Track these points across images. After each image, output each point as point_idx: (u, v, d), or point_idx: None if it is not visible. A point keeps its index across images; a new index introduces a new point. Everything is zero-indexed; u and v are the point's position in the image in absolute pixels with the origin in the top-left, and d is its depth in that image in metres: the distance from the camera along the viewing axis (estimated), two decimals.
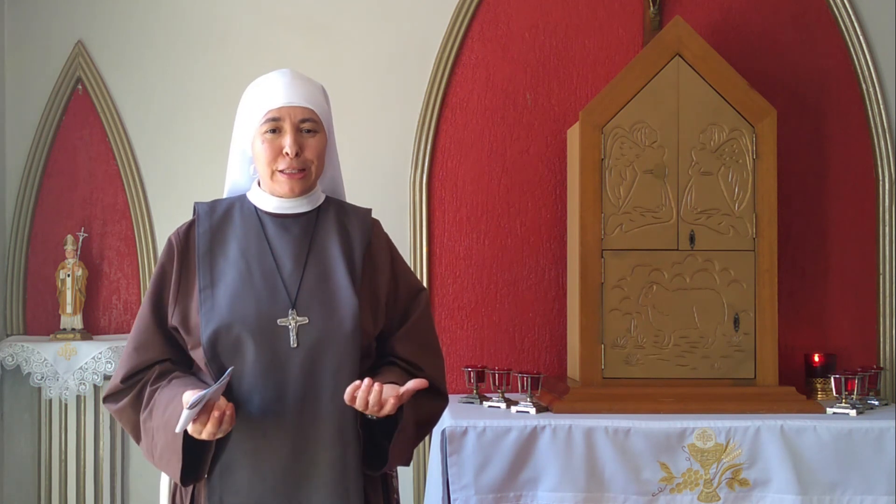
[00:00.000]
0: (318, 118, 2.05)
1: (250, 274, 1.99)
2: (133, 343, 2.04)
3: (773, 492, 2.88)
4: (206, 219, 2.06)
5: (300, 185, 2.04)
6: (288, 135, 2.01)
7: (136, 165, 3.63)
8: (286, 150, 2.00)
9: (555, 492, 2.87)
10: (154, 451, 1.97)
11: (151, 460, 2.00)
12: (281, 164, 2.02)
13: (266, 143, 2.02)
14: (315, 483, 1.94)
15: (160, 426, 1.93)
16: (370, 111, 3.59)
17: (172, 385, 1.96)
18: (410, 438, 2.03)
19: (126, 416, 2.03)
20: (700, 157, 3.15)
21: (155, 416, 1.95)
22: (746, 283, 3.14)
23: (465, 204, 3.60)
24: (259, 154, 2.04)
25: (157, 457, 1.96)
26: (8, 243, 3.62)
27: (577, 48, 3.61)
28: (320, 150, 2.05)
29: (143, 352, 2.02)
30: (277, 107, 2.01)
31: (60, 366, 3.38)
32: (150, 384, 1.99)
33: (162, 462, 1.96)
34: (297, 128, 2.02)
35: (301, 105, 2.02)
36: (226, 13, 3.63)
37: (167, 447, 1.92)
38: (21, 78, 3.64)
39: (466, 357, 3.53)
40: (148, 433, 1.98)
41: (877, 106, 3.56)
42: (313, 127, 2.04)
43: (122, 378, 2.02)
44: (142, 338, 2.03)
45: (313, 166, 2.04)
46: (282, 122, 2.01)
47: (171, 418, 1.88)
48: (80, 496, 3.46)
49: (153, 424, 1.95)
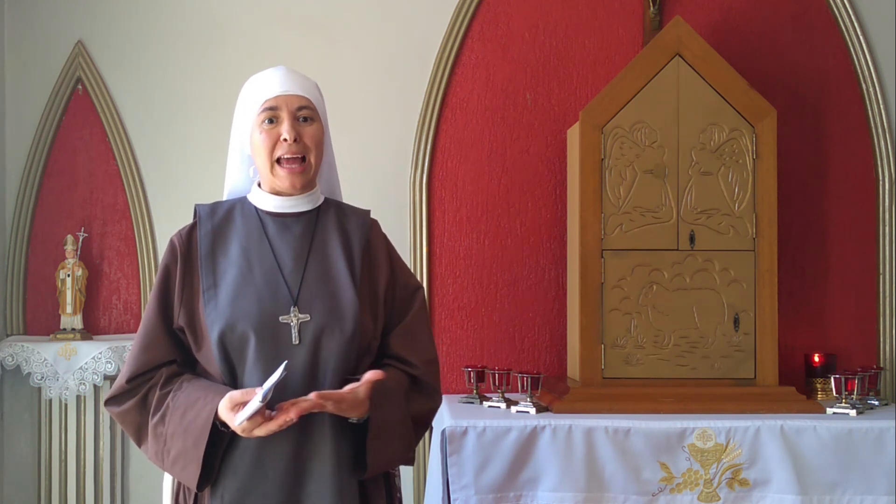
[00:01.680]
0: (315, 107, 2.06)
1: (252, 272, 2.00)
2: (140, 343, 2.03)
3: (773, 492, 2.88)
4: (207, 220, 2.07)
5: (300, 178, 2.04)
6: (285, 122, 2.02)
7: (136, 165, 3.63)
8: (284, 135, 2.01)
9: (555, 492, 2.87)
10: (165, 457, 1.96)
11: (161, 465, 1.99)
12: (280, 150, 2.02)
13: (264, 132, 2.03)
14: (315, 477, 1.95)
15: (177, 432, 1.93)
16: (370, 111, 3.59)
17: (186, 389, 1.96)
18: (394, 437, 2.01)
19: (130, 419, 2.02)
20: (700, 157, 3.15)
21: (170, 421, 1.94)
22: (746, 283, 3.14)
23: (465, 204, 3.60)
24: (258, 145, 2.04)
25: (171, 462, 1.95)
26: (8, 243, 3.62)
27: (577, 48, 3.61)
28: (318, 137, 2.06)
29: (149, 352, 2.02)
30: (274, 95, 2.03)
31: (60, 366, 3.38)
32: (159, 388, 1.99)
33: (176, 468, 1.95)
34: (294, 115, 2.03)
35: (297, 93, 2.04)
36: (226, 13, 3.63)
37: (184, 453, 1.92)
38: (21, 78, 3.64)
39: (466, 357, 3.53)
40: (158, 438, 1.97)
41: (877, 106, 3.56)
42: (310, 115, 2.05)
43: (127, 378, 2.01)
44: (148, 338, 2.03)
45: (312, 154, 2.04)
46: (279, 110, 2.03)
47: (192, 425, 1.89)
48: (80, 496, 3.46)
49: (167, 430, 1.95)
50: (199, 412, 1.90)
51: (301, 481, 1.95)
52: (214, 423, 1.90)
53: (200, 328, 1.99)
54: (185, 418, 1.92)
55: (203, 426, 1.90)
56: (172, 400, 1.96)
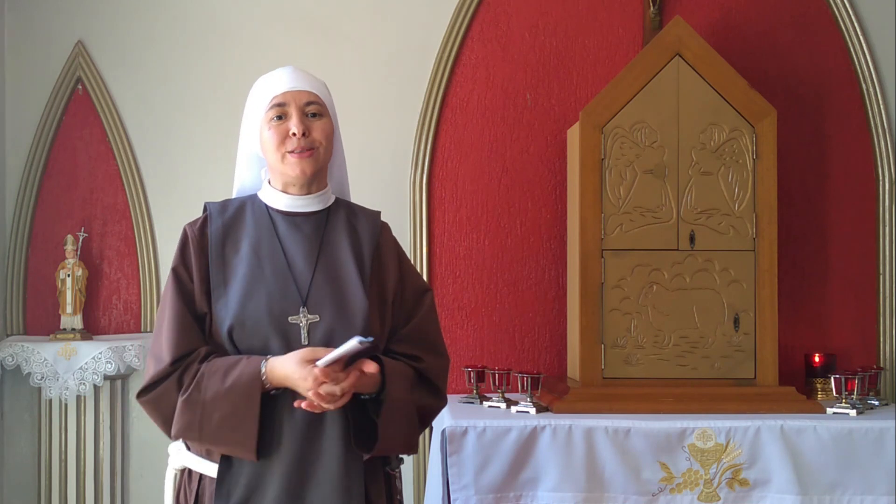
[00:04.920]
0: (323, 103, 2.07)
1: (262, 271, 2.01)
2: (176, 327, 1.97)
3: (773, 492, 2.88)
4: (217, 217, 2.07)
5: (310, 164, 2.03)
6: (294, 117, 2.02)
7: (136, 165, 3.63)
8: (293, 130, 2.02)
9: (555, 492, 2.87)
10: (205, 424, 1.89)
11: (196, 435, 1.91)
12: (289, 145, 2.03)
13: (273, 129, 2.03)
14: (320, 476, 1.95)
15: (220, 394, 1.87)
16: (370, 111, 3.59)
17: (219, 359, 1.92)
18: (403, 419, 2.00)
19: (165, 402, 1.94)
20: (700, 157, 3.15)
21: (208, 386, 1.88)
22: (746, 283, 3.14)
23: (465, 204, 3.60)
24: (267, 141, 2.04)
25: (215, 427, 1.88)
26: (8, 243, 3.62)
27: (577, 48, 3.61)
28: (328, 131, 2.06)
29: (189, 334, 1.97)
30: (282, 92, 2.04)
31: (60, 366, 3.38)
32: (197, 363, 1.93)
33: (222, 432, 1.89)
34: (303, 111, 2.04)
35: (305, 89, 2.05)
36: (226, 13, 3.63)
37: (234, 413, 1.87)
38: (21, 78, 3.64)
39: (466, 357, 3.53)
40: (193, 406, 1.90)
41: (877, 106, 3.56)
42: (318, 110, 2.06)
43: (172, 360, 1.94)
44: (183, 322, 1.98)
45: (321, 147, 2.05)
46: (287, 106, 2.03)
47: (238, 382, 1.86)
48: (80, 496, 3.45)
49: (204, 396, 1.89)
50: (242, 371, 1.88)
51: (307, 479, 1.95)
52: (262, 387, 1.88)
53: (212, 321, 1.99)
54: (227, 379, 1.88)
55: (250, 381, 1.87)
56: (207, 367, 1.91)
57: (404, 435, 2.02)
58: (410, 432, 2.04)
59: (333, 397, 1.87)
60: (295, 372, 1.87)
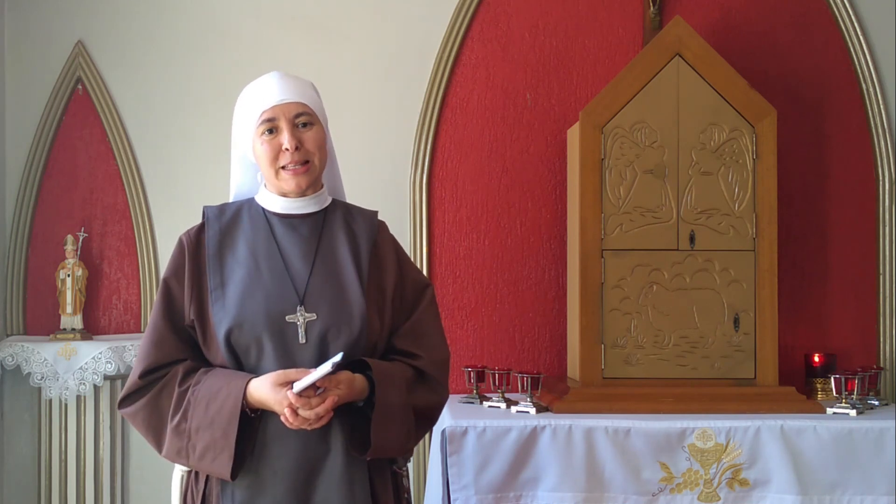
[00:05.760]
0: (313, 111, 2.08)
1: (259, 272, 2.02)
2: (150, 340, 2.03)
3: (773, 492, 2.88)
4: (215, 221, 2.09)
5: (306, 178, 2.06)
6: (285, 131, 2.04)
7: (136, 165, 3.63)
8: (285, 146, 2.03)
9: (555, 492, 2.87)
10: (191, 453, 1.95)
11: (185, 462, 1.99)
12: (283, 160, 2.04)
13: (265, 143, 2.05)
14: (324, 475, 1.96)
15: (203, 425, 1.93)
16: (370, 111, 3.59)
17: (206, 382, 1.96)
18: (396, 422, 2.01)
19: (143, 417, 2.01)
20: (700, 157, 3.15)
21: (193, 416, 1.94)
22: (746, 283, 3.14)
23: (465, 204, 3.60)
24: (261, 156, 2.07)
25: (198, 456, 1.95)
26: (8, 243, 3.62)
27: (577, 48, 3.61)
28: (320, 141, 2.07)
29: (161, 348, 2.02)
30: (270, 106, 2.04)
31: (60, 366, 3.38)
32: (178, 385, 1.99)
33: (205, 461, 1.95)
34: (293, 123, 2.05)
35: (294, 101, 2.05)
36: (226, 14, 3.63)
37: (213, 445, 1.92)
38: (21, 78, 3.64)
39: (466, 357, 3.53)
40: (181, 435, 1.96)
41: (877, 106, 3.56)
42: (308, 120, 2.07)
43: (140, 373, 2.01)
44: (159, 335, 2.03)
45: (315, 158, 2.06)
46: (277, 120, 2.04)
47: (219, 415, 1.91)
48: (80, 496, 3.45)
49: (190, 426, 1.95)
50: (224, 401, 1.91)
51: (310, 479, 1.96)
52: (243, 410, 1.91)
53: (209, 327, 2.01)
54: (209, 410, 1.93)
55: (230, 414, 1.91)
56: (193, 395, 1.96)
57: (398, 438, 2.02)
58: (406, 433, 2.04)
59: (309, 421, 1.90)
60: (269, 397, 1.91)
